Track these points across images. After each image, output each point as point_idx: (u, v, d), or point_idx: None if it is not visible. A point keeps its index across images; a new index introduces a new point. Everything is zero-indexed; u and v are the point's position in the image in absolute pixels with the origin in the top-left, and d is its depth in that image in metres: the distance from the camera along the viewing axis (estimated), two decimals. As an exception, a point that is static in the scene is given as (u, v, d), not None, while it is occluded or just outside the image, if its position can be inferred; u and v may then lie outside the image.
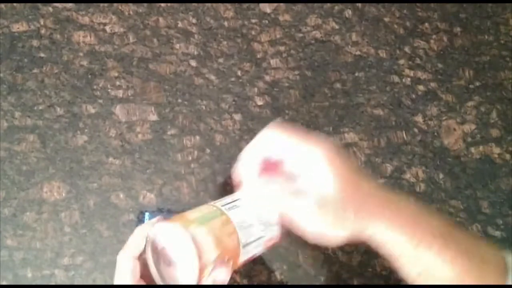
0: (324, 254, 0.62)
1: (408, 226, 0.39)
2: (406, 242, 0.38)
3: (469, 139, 0.69)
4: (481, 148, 0.68)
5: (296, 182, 0.40)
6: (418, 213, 0.40)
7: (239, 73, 0.69)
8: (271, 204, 0.41)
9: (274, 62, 0.70)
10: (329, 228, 0.38)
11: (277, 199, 0.41)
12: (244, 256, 0.41)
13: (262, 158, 0.42)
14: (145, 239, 0.41)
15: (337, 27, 0.73)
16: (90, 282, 0.59)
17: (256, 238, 0.42)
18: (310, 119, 0.68)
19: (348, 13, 0.74)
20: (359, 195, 0.39)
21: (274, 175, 0.42)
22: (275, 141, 0.41)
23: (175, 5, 0.71)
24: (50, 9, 0.69)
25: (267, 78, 0.69)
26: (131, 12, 0.70)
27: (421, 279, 0.40)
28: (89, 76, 0.67)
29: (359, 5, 0.74)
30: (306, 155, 0.39)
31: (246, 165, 0.42)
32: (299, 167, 0.39)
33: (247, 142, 0.66)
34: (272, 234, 0.44)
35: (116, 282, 0.40)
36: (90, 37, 0.68)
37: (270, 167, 0.42)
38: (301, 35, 0.72)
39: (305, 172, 0.39)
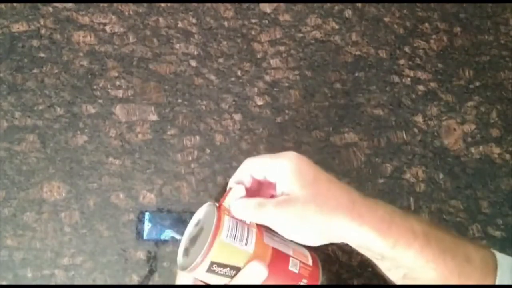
0: (324, 254, 0.62)
1: (381, 227, 0.38)
2: (381, 242, 0.38)
3: (469, 139, 0.69)
4: (481, 148, 0.68)
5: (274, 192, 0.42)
6: (392, 212, 0.39)
7: (239, 73, 0.69)
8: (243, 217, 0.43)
9: (274, 62, 0.70)
10: (295, 228, 0.39)
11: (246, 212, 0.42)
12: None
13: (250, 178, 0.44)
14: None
15: (337, 27, 0.73)
16: (90, 282, 0.59)
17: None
18: (310, 119, 0.68)
19: (348, 13, 0.74)
20: (320, 192, 0.40)
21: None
22: (252, 163, 0.43)
23: (175, 5, 0.71)
24: (50, 9, 0.69)
25: (267, 78, 0.69)
26: (131, 12, 0.70)
27: (407, 281, 0.39)
28: (89, 76, 0.67)
29: (359, 5, 0.74)
30: (275, 165, 0.42)
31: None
32: (272, 177, 0.42)
33: (247, 142, 0.66)
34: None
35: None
36: (90, 37, 0.68)
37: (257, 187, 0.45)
38: (301, 35, 0.72)
39: (277, 180, 0.41)
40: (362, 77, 0.71)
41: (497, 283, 0.37)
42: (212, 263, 0.39)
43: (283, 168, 0.41)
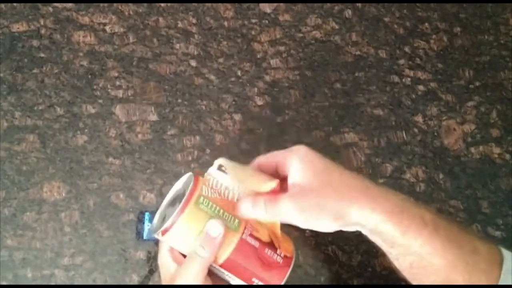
0: (324, 254, 0.62)
1: (393, 212, 0.39)
2: (393, 228, 0.38)
3: (469, 139, 0.69)
4: (481, 148, 0.68)
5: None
6: (404, 200, 0.41)
7: (239, 73, 0.69)
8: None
9: (274, 62, 0.70)
10: (313, 217, 0.39)
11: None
12: None
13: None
14: None
15: (337, 27, 0.73)
16: (90, 282, 0.59)
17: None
18: (310, 119, 0.68)
19: (348, 13, 0.74)
20: (333, 179, 0.41)
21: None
22: (261, 157, 0.47)
23: (175, 5, 0.71)
24: (50, 9, 0.69)
25: (267, 78, 0.69)
26: (131, 12, 0.70)
27: (414, 271, 0.40)
28: (89, 76, 0.67)
29: (359, 5, 0.74)
30: (286, 157, 0.44)
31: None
32: (283, 168, 0.43)
33: (247, 142, 0.66)
34: None
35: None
36: (90, 37, 0.68)
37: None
38: (301, 35, 0.72)
39: (289, 171, 0.43)
40: (362, 77, 0.71)
41: (503, 273, 0.37)
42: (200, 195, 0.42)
43: (295, 159, 0.42)
